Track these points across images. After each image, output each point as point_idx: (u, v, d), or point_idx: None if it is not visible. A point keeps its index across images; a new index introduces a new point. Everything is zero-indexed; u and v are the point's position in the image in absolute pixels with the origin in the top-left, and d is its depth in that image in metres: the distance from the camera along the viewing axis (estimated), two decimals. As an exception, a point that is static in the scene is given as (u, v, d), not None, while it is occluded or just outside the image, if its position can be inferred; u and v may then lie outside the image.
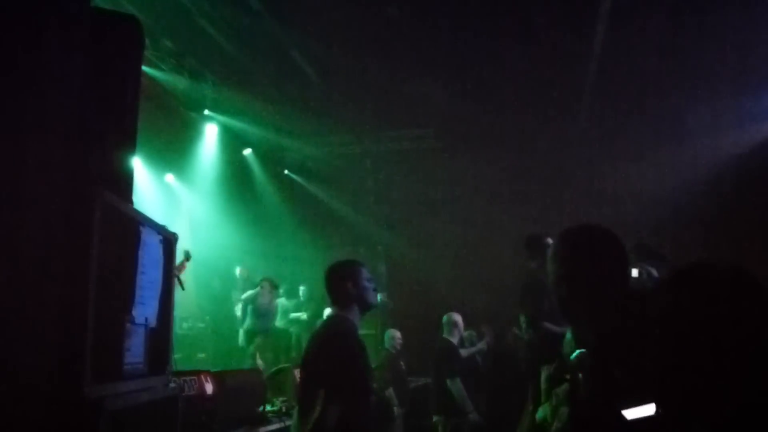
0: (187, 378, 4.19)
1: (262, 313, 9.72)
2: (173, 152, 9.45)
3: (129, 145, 2.86)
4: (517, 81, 9.30)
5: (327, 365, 3.08)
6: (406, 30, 8.39)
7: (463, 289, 10.09)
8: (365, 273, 3.45)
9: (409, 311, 10.59)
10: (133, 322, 2.46)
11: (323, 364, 3.12)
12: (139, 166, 8.30)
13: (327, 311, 10.71)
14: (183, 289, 6.05)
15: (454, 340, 7.05)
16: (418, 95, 10.00)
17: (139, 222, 2.57)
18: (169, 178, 10.09)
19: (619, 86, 9.22)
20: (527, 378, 5.17)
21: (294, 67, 9.27)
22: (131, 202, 2.64)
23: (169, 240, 2.88)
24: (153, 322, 2.66)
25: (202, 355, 9.79)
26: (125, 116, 2.85)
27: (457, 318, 7.11)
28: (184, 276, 7.32)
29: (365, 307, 3.42)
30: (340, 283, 3.38)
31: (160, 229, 2.80)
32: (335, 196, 12.09)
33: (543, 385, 4.42)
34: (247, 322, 9.65)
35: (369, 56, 8.95)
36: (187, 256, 7.65)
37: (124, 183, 2.77)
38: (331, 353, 3.14)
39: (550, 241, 5.36)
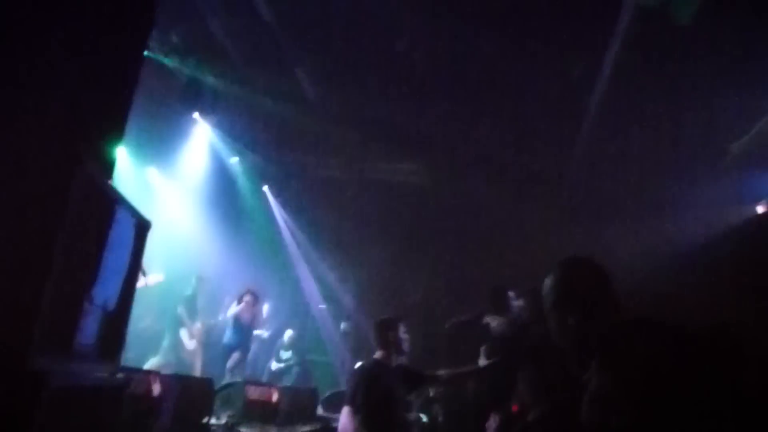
0: (135, 375, 4.04)
1: (244, 329, 9.33)
2: (160, 146, 9.33)
3: (119, 122, 2.79)
4: (510, 131, 9.43)
5: (361, 400, 4.25)
6: (409, 65, 8.48)
7: (435, 320, 10.04)
8: (403, 326, 4.65)
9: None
10: (91, 302, 2.36)
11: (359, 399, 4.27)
12: (122, 153, 8.18)
13: (288, 333, 10.65)
14: (144, 275, 5.81)
15: None
16: (412, 130, 10.09)
17: (114, 200, 2.48)
18: (152, 171, 9.95)
19: (606, 154, 9.36)
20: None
21: (295, 85, 9.30)
22: (111, 178, 2.56)
23: (142, 225, 2.79)
24: (111, 305, 2.56)
25: (154, 359, 9.35)
26: (121, 93, 2.79)
27: None
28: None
29: (400, 352, 4.60)
30: (384, 332, 4.60)
31: (135, 213, 2.71)
32: (317, 216, 11.99)
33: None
34: (227, 335, 9.22)
35: (370, 86, 9.03)
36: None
37: (106, 160, 2.70)
38: (364, 393, 4.27)
39: (512, 294, 5.36)
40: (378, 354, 4.63)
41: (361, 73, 8.76)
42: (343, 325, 11.32)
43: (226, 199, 11.26)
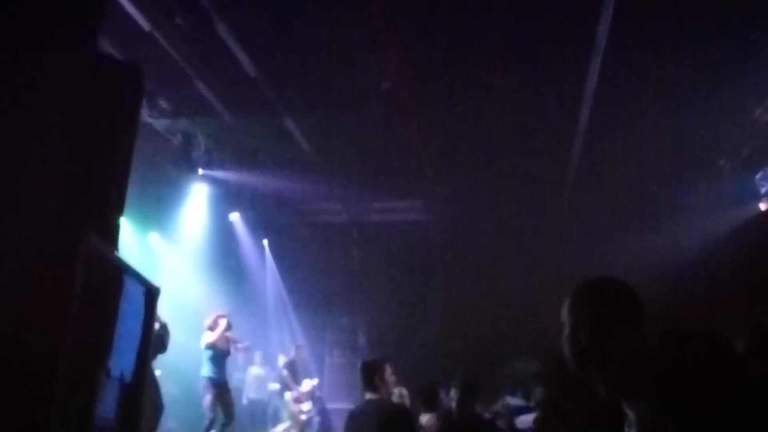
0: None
1: (221, 360, 8.46)
2: (159, 211, 9.38)
3: (119, 194, 2.82)
4: (505, 157, 9.49)
5: None
6: (396, 105, 8.57)
7: (446, 358, 9.97)
8: (389, 369, 4.78)
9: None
10: (108, 375, 2.36)
11: None
12: (123, 222, 8.19)
13: (306, 384, 10.55)
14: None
15: None
16: (407, 169, 10.17)
17: (122, 271, 2.50)
18: (153, 237, 9.99)
19: (604, 162, 9.42)
20: None
21: (287, 135, 9.38)
22: (116, 250, 2.57)
23: (151, 292, 2.80)
24: (128, 376, 2.55)
25: (173, 424, 9.22)
26: (118, 165, 2.83)
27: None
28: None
29: (388, 395, 4.78)
30: (370, 375, 4.58)
31: (143, 281, 2.73)
32: (320, 264, 12.01)
33: None
34: (208, 369, 8.34)
35: (360, 128, 9.12)
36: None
37: (110, 232, 2.72)
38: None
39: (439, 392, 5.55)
40: (369, 395, 4.60)
41: (348, 116, 8.84)
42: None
43: (228, 255, 11.28)
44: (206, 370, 8.33)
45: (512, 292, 10.96)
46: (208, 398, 8.18)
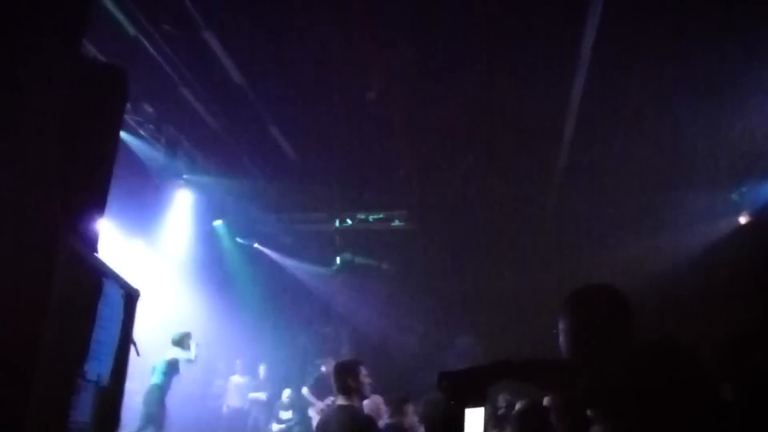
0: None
1: (175, 376, 8.51)
2: (144, 218, 9.31)
3: (100, 196, 2.80)
4: (490, 166, 9.54)
5: None
6: (382, 114, 8.60)
7: (431, 370, 9.95)
8: (364, 370, 4.48)
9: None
10: (84, 378, 2.32)
11: None
12: (106, 228, 8.12)
13: (286, 392, 10.47)
14: (138, 354, 5.69)
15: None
16: (392, 177, 10.19)
17: (102, 273, 2.47)
18: (137, 243, 9.90)
19: (588, 171, 9.49)
20: None
21: (271, 142, 9.38)
22: (96, 251, 2.55)
23: (131, 296, 2.77)
24: (105, 380, 2.52)
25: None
26: (100, 167, 2.81)
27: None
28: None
29: (362, 397, 4.49)
30: (343, 377, 4.41)
31: (124, 284, 2.70)
32: (305, 271, 11.98)
33: None
34: (163, 380, 8.32)
35: (346, 137, 9.12)
36: None
37: (91, 233, 2.70)
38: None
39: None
40: (341, 400, 4.45)
41: (334, 125, 8.85)
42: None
43: (213, 263, 11.22)
44: (161, 380, 8.31)
45: (497, 303, 11.01)
46: (152, 410, 8.14)
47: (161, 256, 10.06)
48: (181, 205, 10.22)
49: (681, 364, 1.79)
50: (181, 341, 8.66)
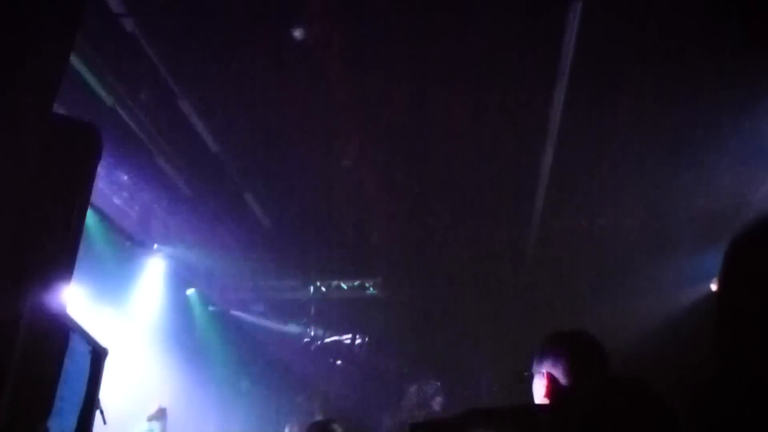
0: None
1: None
2: (114, 285, 9.18)
3: (70, 253, 2.80)
4: (464, 234, 9.64)
5: None
6: (356, 182, 8.72)
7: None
8: (340, 429, 4.43)
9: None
10: (46, 435, 2.28)
11: None
12: (78, 296, 8.01)
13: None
14: (105, 423, 5.54)
15: None
16: (366, 246, 10.24)
17: (69, 328, 2.46)
18: (107, 311, 9.72)
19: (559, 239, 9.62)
20: None
21: (246, 210, 9.41)
22: (64, 306, 2.54)
23: (98, 353, 2.75)
24: (68, 438, 2.47)
25: None
26: (70, 224, 2.82)
27: None
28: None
29: None
30: None
31: (90, 340, 2.68)
32: (279, 340, 11.81)
33: None
34: None
35: (321, 204, 9.21)
36: None
37: (58, 288, 2.69)
38: None
39: None
40: None
41: (309, 192, 8.95)
42: None
43: (185, 332, 11.03)
44: None
45: (469, 375, 10.93)
46: None
47: (132, 325, 9.87)
48: (154, 273, 10.12)
49: (650, 409, 1.83)
50: (155, 416, 8.54)
